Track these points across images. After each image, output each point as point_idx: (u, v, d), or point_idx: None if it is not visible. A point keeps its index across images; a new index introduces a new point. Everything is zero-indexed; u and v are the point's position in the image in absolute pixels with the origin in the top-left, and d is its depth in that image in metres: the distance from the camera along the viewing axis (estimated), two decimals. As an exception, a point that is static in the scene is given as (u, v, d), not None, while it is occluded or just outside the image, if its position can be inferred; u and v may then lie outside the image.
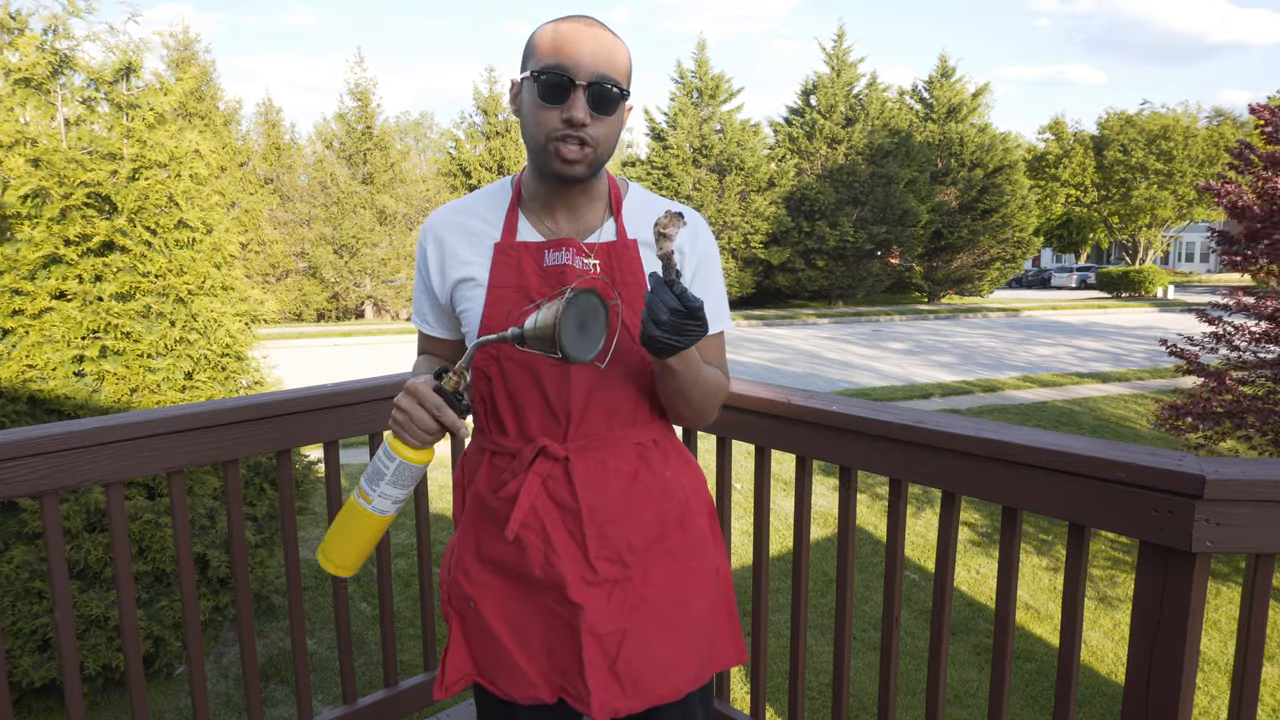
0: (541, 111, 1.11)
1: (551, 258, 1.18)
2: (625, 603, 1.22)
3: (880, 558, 5.99)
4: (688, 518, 1.29)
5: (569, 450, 1.20)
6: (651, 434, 1.26)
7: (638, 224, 1.23)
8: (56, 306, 3.75)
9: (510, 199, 1.24)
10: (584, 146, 1.11)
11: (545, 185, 1.20)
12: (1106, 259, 49.72)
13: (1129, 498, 1.23)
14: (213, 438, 1.73)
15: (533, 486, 1.19)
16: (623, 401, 1.22)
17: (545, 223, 1.22)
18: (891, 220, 25.16)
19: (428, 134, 28.08)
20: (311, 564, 5.51)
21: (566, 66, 1.09)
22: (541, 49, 1.12)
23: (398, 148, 23.91)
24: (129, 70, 4.08)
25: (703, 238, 1.27)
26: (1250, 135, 8.22)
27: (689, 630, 1.26)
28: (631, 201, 1.26)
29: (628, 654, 1.21)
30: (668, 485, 1.26)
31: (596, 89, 1.10)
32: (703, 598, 1.29)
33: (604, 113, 1.12)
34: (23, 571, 3.42)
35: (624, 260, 1.20)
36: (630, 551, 1.22)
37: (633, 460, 1.23)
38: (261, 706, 1.90)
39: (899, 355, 16.04)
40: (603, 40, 1.11)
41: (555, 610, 1.22)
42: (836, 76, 25.92)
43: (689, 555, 1.28)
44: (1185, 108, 37.80)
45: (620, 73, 1.12)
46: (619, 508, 1.21)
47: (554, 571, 1.19)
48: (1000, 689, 1.45)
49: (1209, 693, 4.38)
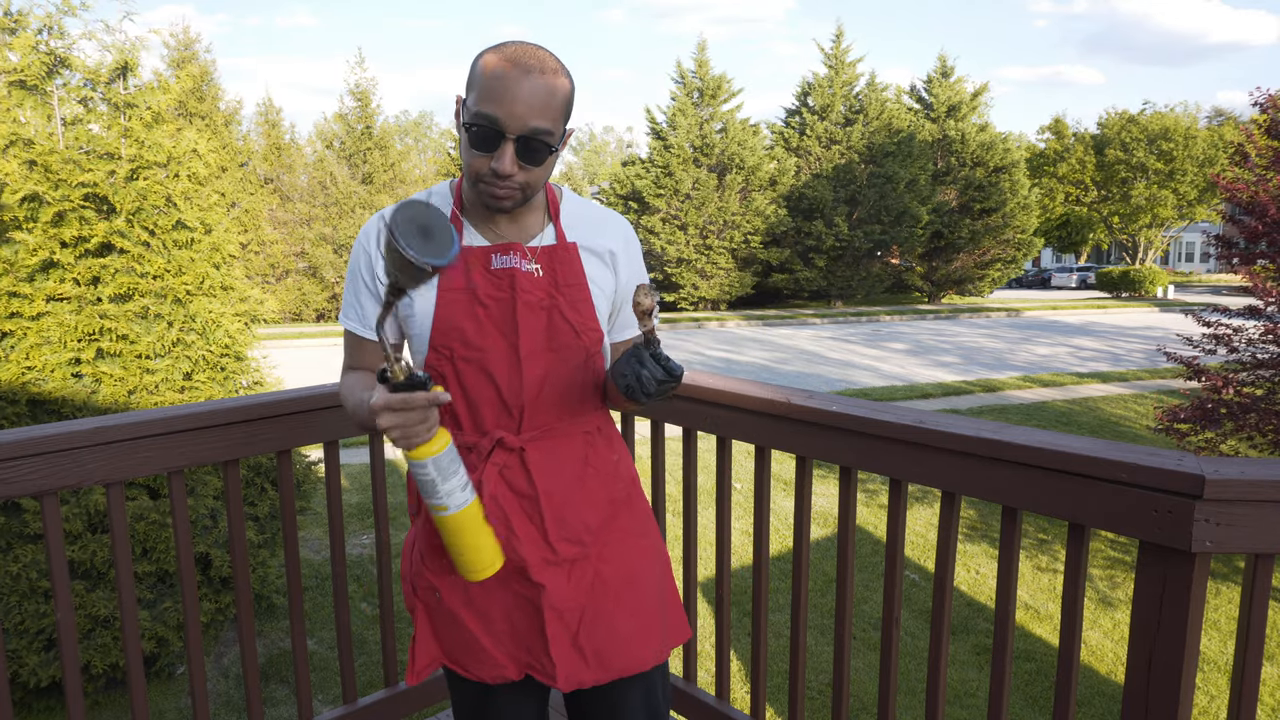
0: (473, 156, 1.16)
1: (498, 261, 1.23)
2: (584, 580, 1.30)
3: (880, 558, 5.99)
4: (634, 498, 1.39)
5: (523, 441, 1.26)
6: (596, 422, 1.35)
7: (575, 228, 1.31)
8: (52, 309, 3.75)
9: (452, 206, 1.28)
10: (512, 190, 1.17)
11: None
12: (1106, 259, 49.71)
13: (1129, 498, 1.23)
14: (213, 438, 1.73)
15: (491, 476, 1.25)
16: (569, 393, 1.29)
17: (490, 228, 1.27)
18: (890, 220, 25.16)
19: (427, 134, 28.08)
20: (312, 564, 5.51)
21: (497, 119, 1.11)
22: (478, 89, 1.13)
23: (397, 148, 23.90)
24: (126, 69, 4.08)
25: (633, 245, 1.37)
26: (1254, 132, 8.18)
27: (644, 605, 1.34)
28: (568, 207, 1.33)
29: (589, 628, 1.29)
30: (615, 468, 1.36)
31: (524, 142, 1.13)
32: (652, 573, 1.37)
33: (532, 163, 1.16)
34: (30, 570, 3.43)
35: (565, 262, 1.27)
36: (588, 532, 1.30)
37: (581, 447, 1.32)
38: (261, 706, 1.90)
39: (899, 355, 16.04)
40: (536, 88, 1.12)
41: (519, 591, 1.28)
42: (835, 76, 25.92)
43: (638, 533, 1.37)
44: (1185, 108, 37.84)
45: (553, 119, 1.14)
46: (574, 491, 1.29)
47: (516, 555, 1.25)
48: (1000, 689, 1.45)
49: (1209, 693, 4.38)
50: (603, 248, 1.31)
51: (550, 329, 1.24)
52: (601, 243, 1.31)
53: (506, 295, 1.22)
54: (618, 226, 1.35)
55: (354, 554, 5.72)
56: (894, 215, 25.08)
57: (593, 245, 1.30)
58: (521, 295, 1.22)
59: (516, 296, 1.22)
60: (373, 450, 2.05)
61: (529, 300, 1.23)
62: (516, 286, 1.22)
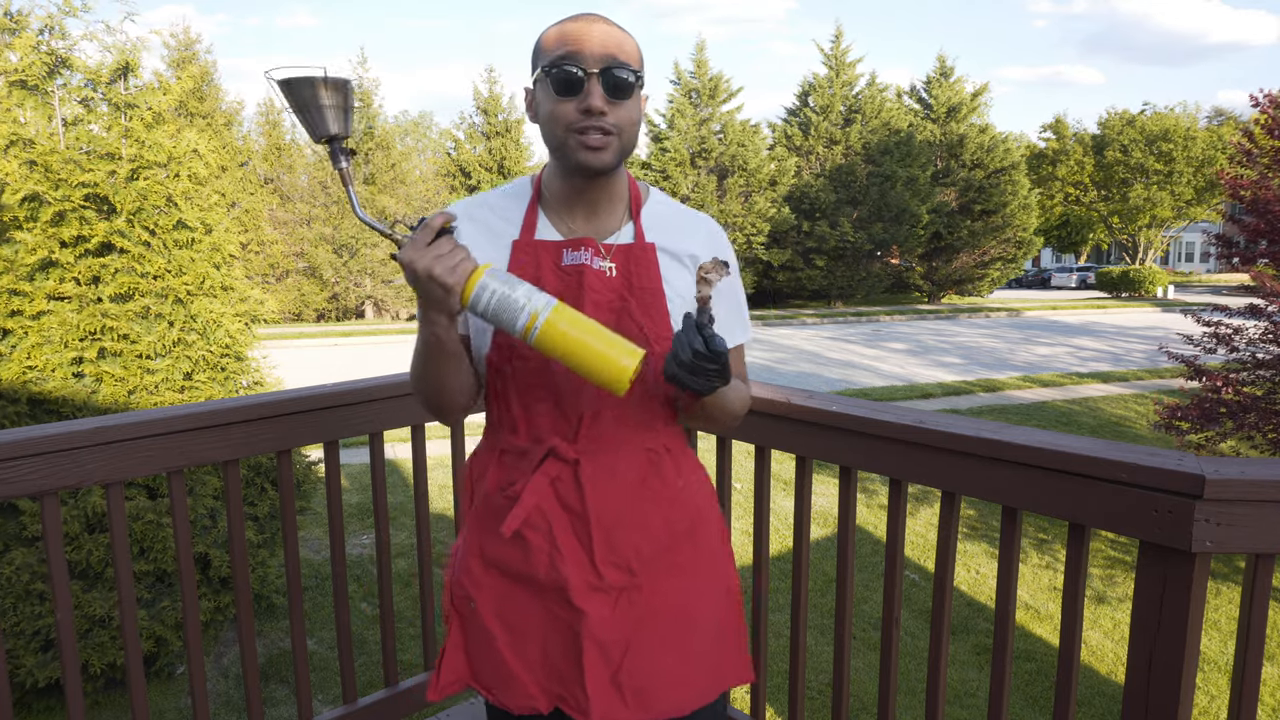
0: (558, 106, 1.11)
1: (569, 257, 1.17)
2: (631, 613, 1.19)
3: (880, 558, 5.99)
4: (699, 530, 1.26)
5: (579, 452, 1.18)
6: (664, 441, 1.24)
7: (656, 228, 1.22)
8: (53, 309, 3.75)
9: (530, 197, 1.23)
10: (606, 134, 1.11)
11: (568, 183, 1.19)
12: (1106, 259, 49.71)
13: (1129, 498, 1.23)
14: (213, 438, 1.73)
15: (539, 486, 1.17)
16: (634, 405, 1.19)
17: (565, 222, 1.21)
18: (890, 220, 25.15)
19: (427, 134, 28.08)
20: (312, 564, 5.51)
21: (577, 56, 1.09)
22: (549, 47, 1.12)
23: (399, 148, 23.91)
24: (127, 70, 4.08)
25: (720, 252, 1.26)
26: (1254, 130, 8.18)
27: (696, 647, 1.23)
28: (652, 206, 1.25)
29: (631, 665, 1.18)
30: (678, 495, 1.24)
31: (609, 75, 1.09)
32: (712, 614, 1.25)
33: (620, 98, 1.11)
34: (23, 573, 3.43)
35: (641, 263, 1.18)
36: (638, 559, 1.19)
37: (642, 466, 1.21)
38: (261, 706, 1.90)
39: (899, 355, 16.04)
40: (610, 30, 1.11)
41: (558, 614, 1.19)
42: (835, 77, 25.92)
43: (699, 570, 1.25)
44: (1185, 108, 37.84)
45: (631, 59, 1.12)
46: (627, 514, 1.19)
47: (558, 574, 1.17)
48: (1000, 689, 1.45)
49: (1209, 693, 4.38)
50: (684, 251, 1.22)
51: (620, 332, 1.15)
52: (683, 245, 1.22)
53: (573, 293, 1.16)
54: (704, 229, 1.26)
55: (354, 554, 5.72)
56: (893, 215, 25.08)
57: (673, 247, 1.22)
58: (589, 294, 1.15)
59: (583, 295, 1.15)
60: (373, 450, 2.05)
61: (597, 300, 1.16)
62: (584, 285, 1.15)
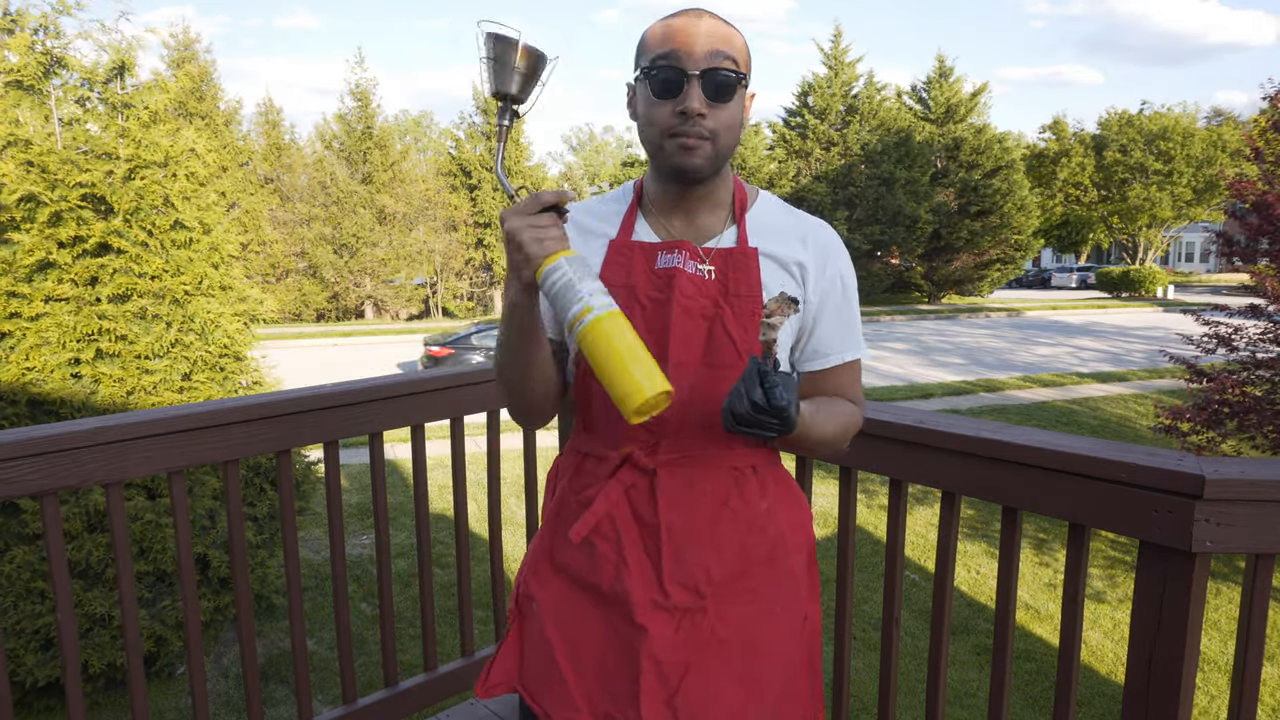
0: (655, 108, 1.07)
1: (664, 260, 1.13)
2: (695, 635, 1.13)
3: (880, 558, 5.99)
4: (779, 556, 1.18)
5: (658, 463, 1.13)
6: (751, 459, 1.17)
7: (761, 233, 1.16)
8: (51, 310, 3.75)
9: (631, 200, 1.20)
10: (702, 138, 1.06)
11: (665, 186, 1.15)
12: (1106, 259, 49.69)
13: (1129, 498, 1.23)
14: (212, 438, 1.73)
15: (613, 494, 1.13)
16: (721, 418, 1.12)
17: (664, 225, 1.16)
18: (889, 220, 25.15)
19: (427, 134, 28.09)
20: (311, 564, 5.51)
21: (678, 55, 1.05)
22: (651, 45, 1.08)
23: (397, 148, 23.92)
24: (123, 69, 4.08)
25: (834, 261, 1.18)
26: (1254, 131, 8.19)
27: (761, 679, 1.15)
28: (759, 209, 1.18)
29: (689, 690, 1.11)
30: (760, 518, 1.16)
31: (711, 76, 1.04)
32: (783, 647, 1.17)
33: (721, 100, 1.06)
34: (24, 572, 3.43)
35: (741, 268, 1.12)
36: (708, 582, 1.13)
37: (726, 484, 1.15)
38: (261, 706, 1.90)
39: (899, 355, 16.04)
40: (715, 26, 1.07)
41: (618, 629, 1.14)
42: (835, 77, 25.91)
43: (774, 598, 1.17)
44: (1184, 108, 37.84)
45: (735, 54, 1.07)
46: (702, 532, 1.13)
47: (622, 587, 1.13)
48: (1000, 689, 1.45)
49: (1209, 693, 4.38)
50: (789, 258, 1.14)
51: (710, 341, 1.10)
52: (789, 252, 1.14)
53: (664, 297, 1.10)
54: (814, 235, 1.17)
55: (354, 554, 5.72)
56: (892, 215, 25.08)
57: (778, 253, 1.14)
58: (679, 299, 1.09)
59: (673, 299, 1.09)
60: (372, 450, 2.05)
61: (688, 305, 1.10)
62: (675, 288, 1.10)
